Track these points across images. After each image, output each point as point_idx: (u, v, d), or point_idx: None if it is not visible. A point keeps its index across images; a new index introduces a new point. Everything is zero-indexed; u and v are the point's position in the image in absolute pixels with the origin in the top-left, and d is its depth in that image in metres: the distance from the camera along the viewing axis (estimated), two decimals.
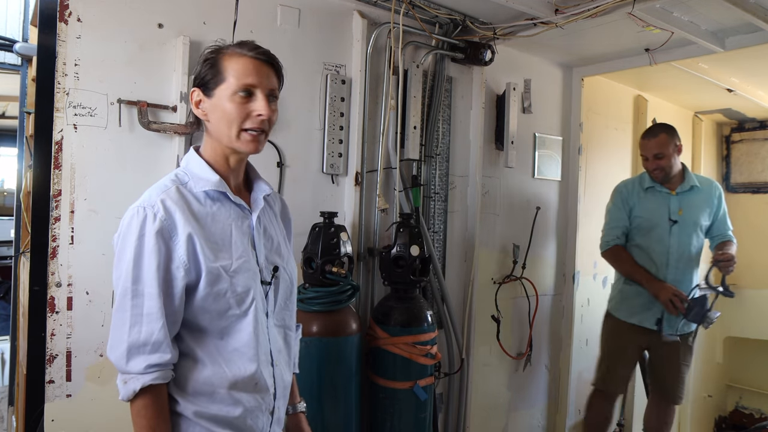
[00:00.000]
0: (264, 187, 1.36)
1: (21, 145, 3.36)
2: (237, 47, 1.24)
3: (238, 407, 1.22)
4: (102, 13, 1.89)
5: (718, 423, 4.75)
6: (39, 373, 1.83)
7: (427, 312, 2.36)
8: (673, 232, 2.83)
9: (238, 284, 1.21)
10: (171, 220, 1.17)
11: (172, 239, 1.16)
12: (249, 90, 1.21)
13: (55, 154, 1.82)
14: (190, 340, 1.21)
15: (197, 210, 1.22)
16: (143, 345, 1.13)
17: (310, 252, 2.19)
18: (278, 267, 1.32)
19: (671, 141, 2.87)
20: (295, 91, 2.34)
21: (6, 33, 3.48)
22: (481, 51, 2.76)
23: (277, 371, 1.30)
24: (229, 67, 1.22)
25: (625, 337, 2.94)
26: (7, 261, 5.87)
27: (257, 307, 1.25)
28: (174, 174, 1.27)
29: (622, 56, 3.16)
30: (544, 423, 3.45)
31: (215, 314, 1.21)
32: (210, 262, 1.18)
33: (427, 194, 2.73)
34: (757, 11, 2.39)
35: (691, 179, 2.91)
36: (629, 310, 2.92)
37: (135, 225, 1.16)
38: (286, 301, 1.37)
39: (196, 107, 1.26)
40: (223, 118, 1.22)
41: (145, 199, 1.19)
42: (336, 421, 2.17)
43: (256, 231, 1.30)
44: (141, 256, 1.14)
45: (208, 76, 1.23)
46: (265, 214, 1.35)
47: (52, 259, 1.81)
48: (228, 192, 1.26)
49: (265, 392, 1.27)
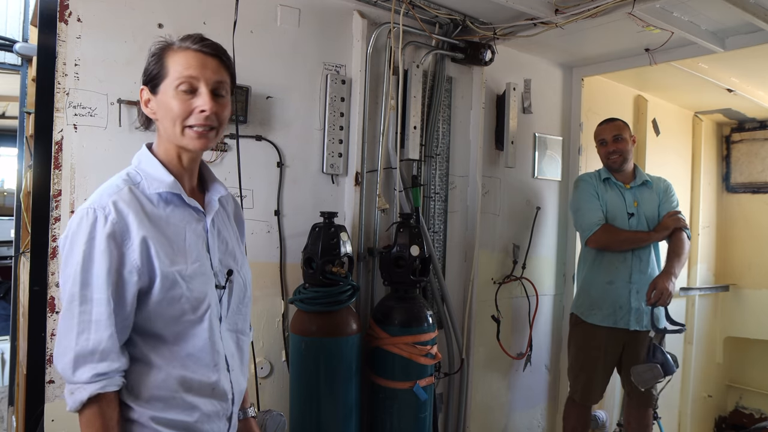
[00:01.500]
0: (219, 188, 1.33)
1: (21, 145, 3.36)
2: (181, 41, 1.20)
3: (195, 412, 1.20)
4: (102, 13, 1.89)
5: (718, 423, 4.74)
6: (39, 373, 1.83)
7: (427, 312, 2.36)
8: (631, 224, 2.83)
9: (193, 289, 1.18)
10: (123, 222, 1.12)
11: (125, 243, 1.12)
12: (191, 84, 1.17)
13: (55, 154, 1.82)
14: (144, 345, 1.17)
15: (150, 212, 1.17)
16: (91, 354, 1.08)
17: (310, 252, 2.18)
18: (232, 271, 1.30)
19: (627, 129, 2.93)
20: (295, 91, 2.34)
21: (6, 33, 3.47)
22: (481, 51, 2.76)
23: (233, 376, 1.28)
24: (172, 62, 1.17)
25: (601, 345, 2.83)
26: (7, 261, 5.88)
27: (212, 312, 1.22)
28: (126, 173, 1.21)
29: (622, 56, 3.16)
30: (544, 423, 3.45)
31: (170, 319, 1.17)
32: (165, 266, 1.15)
33: (427, 194, 2.73)
34: (757, 11, 2.39)
35: (642, 175, 2.94)
36: (601, 313, 2.82)
37: (84, 227, 1.10)
38: (239, 305, 1.34)
39: (145, 106, 1.21)
40: (168, 115, 1.17)
41: (95, 200, 1.13)
42: (336, 422, 2.17)
43: (210, 234, 1.26)
44: (90, 259, 1.09)
45: (154, 72, 1.19)
46: (218, 216, 1.32)
47: (52, 259, 1.81)
48: (183, 194, 1.22)
49: (222, 398, 1.25)
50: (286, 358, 2.33)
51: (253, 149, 2.23)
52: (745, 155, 4.68)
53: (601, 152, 2.96)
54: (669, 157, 4.10)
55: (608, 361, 2.87)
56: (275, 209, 2.30)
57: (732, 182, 4.74)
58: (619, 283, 2.80)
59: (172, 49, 1.19)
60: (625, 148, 2.87)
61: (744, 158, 4.68)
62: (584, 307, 2.90)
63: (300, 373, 2.17)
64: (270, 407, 2.25)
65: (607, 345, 2.84)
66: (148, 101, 1.21)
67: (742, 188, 4.68)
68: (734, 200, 4.70)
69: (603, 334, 2.83)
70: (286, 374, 2.33)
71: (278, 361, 2.34)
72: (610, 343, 2.83)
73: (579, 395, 2.92)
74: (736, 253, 4.66)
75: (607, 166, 2.95)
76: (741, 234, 4.65)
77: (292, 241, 2.34)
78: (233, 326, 1.32)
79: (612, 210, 2.86)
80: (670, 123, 4.17)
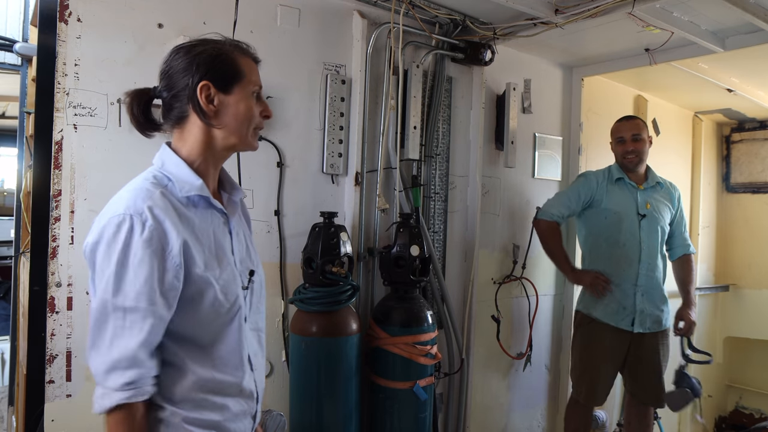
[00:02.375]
0: (239, 189, 1.34)
1: (21, 145, 3.36)
2: (240, 49, 1.24)
3: (225, 412, 1.21)
4: (102, 13, 1.89)
5: (718, 423, 4.75)
6: (39, 373, 1.84)
7: (427, 312, 2.36)
8: (642, 226, 2.79)
9: (226, 292, 1.19)
10: (161, 228, 1.10)
11: (165, 249, 1.10)
12: (260, 90, 1.24)
13: (55, 154, 1.82)
14: (178, 349, 1.17)
15: (183, 216, 1.16)
16: (120, 360, 1.08)
17: (310, 252, 2.18)
18: (254, 271, 1.30)
19: (647, 129, 2.89)
20: (295, 91, 2.34)
21: (6, 33, 3.47)
22: (481, 51, 2.76)
23: (257, 375, 1.30)
24: (245, 66, 1.21)
25: (606, 346, 2.82)
26: (7, 261, 5.87)
27: (240, 314, 1.23)
28: (151, 175, 1.19)
29: (622, 56, 3.16)
30: (544, 423, 3.45)
31: (204, 322, 1.17)
32: (200, 270, 1.15)
33: (427, 194, 2.73)
34: (757, 11, 2.39)
35: (655, 176, 2.91)
36: (607, 308, 2.81)
37: (122, 234, 1.07)
38: (258, 304, 1.34)
39: (207, 102, 1.17)
40: (242, 116, 1.20)
41: (130, 206, 1.10)
42: (336, 421, 2.17)
43: (234, 235, 1.27)
44: (126, 267, 1.07)
45: (229, 71, 1.19)
46: (237, 218, 1.33)
47: (52, 259, 1.81)
48: (210, 197, 1.21)
49: (249, 397, 1.27)
50: (286, 358, 2.33)
51: None
52: (745, 155, 4.68)
53: (618, 150, 2.90)
54: (669, 157, 4.10)
55: (613, 362, 2.86)
56: (275, 209, 2.30)
57: (732, 182, 4.74)
58: (625, 285, 2.79)
59: (240, 52, 1.22)
60: (643, 148, 2.83)
61: (744, 158, 4.69)
62: (590, 301, 2.88)
63: (300, 373, 2.17)
64: (270, 407, 2.25)
65: (613, 346, 2.82)
66: (212, 97, 1.18)
67: (742, 188, 4.68)
68: (734, 200, 4.70)
69: (608, 335, 2.81)
70: (286, 374, 2.33)
71: (278, 361, 2.34)
72: (615, 344, 2.82)
73: (584, 396, 2.89)
74: (736, 253, 4.66)
75: (622, 165, 2.88)
76: (741, 234, 4.65)
77: (292, 241, 2.34)
78: (255, 325, 1.33)
79: (620, 211, 2.82)
80: (670, 123, 4.17)
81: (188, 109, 1.19)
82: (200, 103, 1.17)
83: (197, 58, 1.18)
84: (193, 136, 1.21)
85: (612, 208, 2.84)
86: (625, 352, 2.84)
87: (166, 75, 1.21)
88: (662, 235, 2.84)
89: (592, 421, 3.07)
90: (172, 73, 1.19)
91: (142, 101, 1.23)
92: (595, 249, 2.91)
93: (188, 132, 1.21)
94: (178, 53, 1.20)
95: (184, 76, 1.18)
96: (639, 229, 2.79)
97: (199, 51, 1.19)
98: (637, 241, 2.79)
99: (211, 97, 1.18)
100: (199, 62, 1.17)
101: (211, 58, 1.18)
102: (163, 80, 1.21)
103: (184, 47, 1.21)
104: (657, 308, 2.80)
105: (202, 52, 1.19)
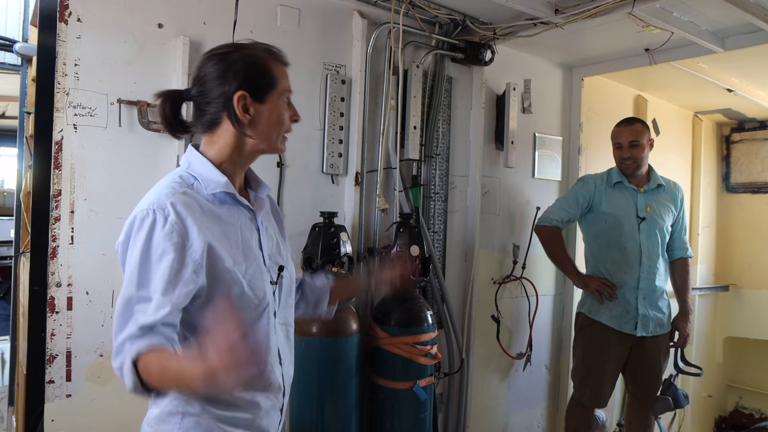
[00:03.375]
0: (265, 186, 1.35)
1: (21, 145, 3.36)
2: (271, 54, 1.25)
3: (255, 408, 1.22)
4: (102, 13, 1.89)
5: (718, 423, 4.75)
6: (39, 373, 1.83)
7: (427, 312, 2.36)
8: (642, 229, 2.78)
9: (254, 287, 1.20)
10: (182, 224, 1.11)
11: (185, 244, 1.11)
12: (289, 96, 1.27)
13: (55, 154, 1.82)
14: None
15: (209, 212, 1.18)
16: (141, 328, 1.05)
17: (310, 252, 2.19)
18: (283, 266, 1.32)
19: (646, 133, 2.84)
20: (295, 91, 2.28)
21: (6, 33, 3.47)
22: (481, 51, 2.76)
23: (285, 369, 1.31)
24: (278, 74, 1.23)
25: (609, 349, 2.80)
26: (7, 261, 5.87)
27: (269, 309, 1.24)
28: (178, 175, 1.21)
29: (622, 56, 3.16)
30: (544, 423, 3.45)
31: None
32: (226, 266, 1.15)
33: (427, 194, 2.73)
34: (757, 11, 2.39)
35: (657, 178, 2.88)
36: (610, 313, 2.81)
37: (144, 229, 1.09)
38: (287, 299, 1.36)
39: (242, 111, 1.18)
40: (275, 122, 1.23)
41: (153, 202, 1.12)
42: (336, 421, 2.17)
43: (262, 231, 1.29)
44: (148, 260, 1.09)
45: (264, 81, 1.21)
46: (265, 214, 1.35)
47: (52, 259, 1.81)
48: (235, 193, 1.23)
49: (277, 391, 1.28)
50: None
51: None
52: (745, 155, 4.68)
53: (616, 155, 2.89)
54: (669, 157, 4.10)
55: (616, 364, 2.85)
56: None
57: (732, 182, 4.74)
58: (627, 289, 2.79)
59: (273, 59, 1.24)
60: (640, 154, 2.79)
61: (744, 158, 4.69)
62: (594, 305, 2.87)
63: (300, 373, 2.16)
64: None
65: (615, 349, 2.82)
66: (247, 107, 1.19)
67: (742, 188, 4.68)
68: (734, 200, 4.70)
69: (611, 337, 2.81)
70: None
71: None
72: (618, 347, 2.81)
73: (587, 398, 2.88)
74: (735, 253, 4.66)
75: (620, 170, 2.88)
76: (741, 234, 4.65)
77: (292, 241, 2.31)
78: (284, 320, 1.34)
79: (619, 214, 2.81)
80: (670, 123, 4.17)
81: (222, 116, 1.20)
82: (236, 113, 1.19)
83: (233, 66, 1.19)
84: (223, 141, 1.22)
85: (611, 212, 2.83)
86: (628, 354, 2.84)
87: (200, 81, 1.21)
88: (663, 238, 2.84)
89: (593, 421, 3.07)
90: (206, 79, 1.20)
91: (174, 103, 1.24)
92: (597, 253, 2.91)
93: (219, 137, 1.23)
94: (212, 59, 1.21)
95: (220, 84, 1.19)
96: (639, 232, 2.78)
97: (235, 59, 1.20)
98: (637, 244, 2.78)
99: (247, 107, 1.19)
100: (236, 71, 1.18)
101: (247, 67, 1.19)
102: (197, 86, 1.22)
103: (219, 54, 1.21)
104: (659, 311, 2.80)
105: (237, 60, 1.19)
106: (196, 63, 1.24)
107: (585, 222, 2.96)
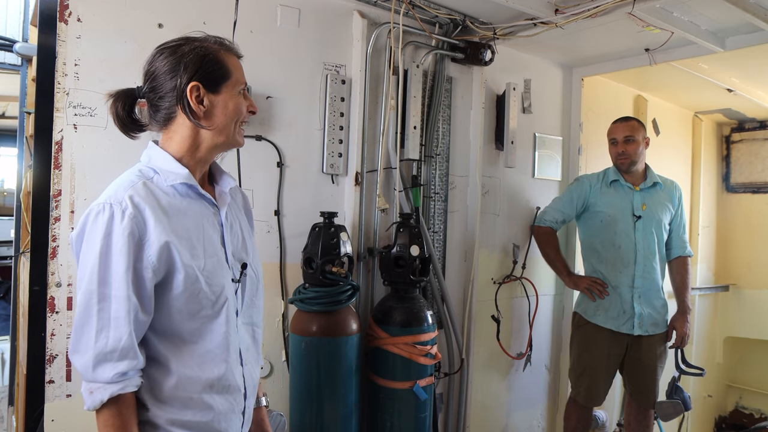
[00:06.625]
0: (228, 180, 1.32)
1: (21, 145, 3.36)
2: (222, 46, 1.24)
3: (211, 411, 1.19)
4: (102, 13, 1.89)
5: (718, 423, 4.75)
6: (39, 373, 1.84)
7: (427, 312, 2.36)
8: (637, 227, 2.79)
9: (212, 284, 1.18)
10: (141, 217, 1.10)
11: (143, 238, 1.10)
12: (245, 87, 1.26)
13: (55, 154, 1.82)
14: (160, 345, 1.15)
15: (168, 205, 1.15)
16: (111, 352, 1.07)
17: (310, 252, 2.19)
18: (246, 264, 1.29)
19: (642, 130, 2.87)
20: (295, 91, 2.34)
21: (6, 33, 3.48)
22: (481, 51, 2.76)
23: (246, 370, 1.28)
24: (231, 65, 1.22)
25: (606, 346, 2.82)
26: (7, 261, 5.88)
27: (228, 307, 1.21)
28: (137, 170, 1.20)
29: (622, 56, 3.16)
30: (544, 423, 3.45)
31: (187, 315, 1.16)
32: (184, 260, 1.13)
33: (427, 194, 2.73)
34: (757, 11, 2.39)
35: (653, 176, 2.89)
36: (606, 315, 2.82)
37: (101, 223, 1.08)
38: (253, 298, 1.33)
39: (196, 103, 1.18)
40: (232, 113, 1.22)
41: (111, 195, 1.11)
42: (336, 421, 2.17)
43: (225, 227, 1.26)
44: (108, 256, 1.07)
45: (217, 71, 1.20)
46: (231, 209, 1.32)
47: (52, 259, 1.81)
48: (197, 185, 1.21)
49: (236, 393, 1.25)
50: (286, 358, 2.33)
51: (253, 149, 2.23)
52: (745, 155, 4.68)
53: (612, 152, 2.92)
54: (669, 156, 4.10)
55: (612, 364, 2.86)
56: (275, 209, 2.30)
57: (732, 182, 4.74)
58: (623, 289, 2.79)
59: (225, 51, 1.23)
60: (635, 150, 2.82)
61: (744, 158, 4.69)
62: (589, 307, 2.89)
63: (300, 373, 2.17)
64: (270, 407, 2.25)
65: (611, 348, 2.82)
66: (201, 98, 1.19)
67: (742, 188, 4.69)
68: (734, 200, 4.70)
69: (606, 337, 2.82)
70: (286, 374, 2.33)
71: (278, 361, 2.34)
72: (613, 346, 2.82)
73: (583, 397, 2.90)
74: (736, 253, 4.66)
75: (616, 166, 2.91)
76: (741, 234, 4.65)
77: (292, 241, 2.34)
78: (248, 319, 1.32)
79: (614, 213, 2.82)
80: (670, 123, 4.17)
81: (176, 110, 1.20)
82: (190, 105, 1.18)
83: (184, 59, 1.18)
84: (179, 135, 1.21)
85: (606, 211, 2.84)
86: (623, 353, 2.84)
87: (151, 76, 1.20)
88: (660, 236, 2.84)
89: (591, 420, 3.07)
90: (157, 74, 1.19)
91: (126, 102, 1.23)
92: (593, 252, 2.92)
93: (175, 132, 1.22)
94: (161, 53, 1.20)
95: (172, 77, 1.18)
96: (634, 230, 2.79)
97: (185, 51, 1.18)
98: (632, 242, 2.79)
99: (201, 98, 1.19)
100: (187, 63, 1.17)
101: (199, 59, 1.18)
102: (149, 81, 1.21)
103: (169, 47, 1.20)
104: (655, 310, 2.80)
105: (188, 53, 1.18)
106: (146, 59, 1.23)
107: (581, 221, 2.98)
